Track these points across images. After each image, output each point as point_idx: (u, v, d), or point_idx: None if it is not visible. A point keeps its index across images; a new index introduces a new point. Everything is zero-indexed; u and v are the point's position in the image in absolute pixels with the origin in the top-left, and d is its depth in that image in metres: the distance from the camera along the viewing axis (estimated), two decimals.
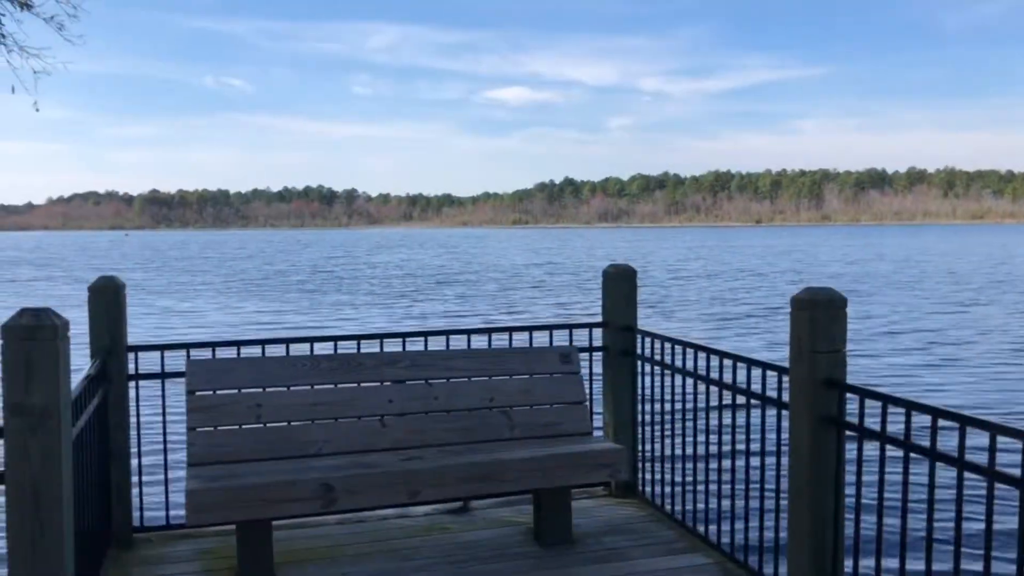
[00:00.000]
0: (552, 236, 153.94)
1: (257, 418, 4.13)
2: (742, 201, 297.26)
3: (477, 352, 4.60)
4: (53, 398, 2.55)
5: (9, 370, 2.51)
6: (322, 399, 4.25)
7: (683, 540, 4.31)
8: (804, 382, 3.27)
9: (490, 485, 4.00)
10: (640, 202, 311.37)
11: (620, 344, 4.93)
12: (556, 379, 4.62)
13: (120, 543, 4.24)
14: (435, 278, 42.22)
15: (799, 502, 3.32)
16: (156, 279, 43.15)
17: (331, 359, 4.35)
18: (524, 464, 4.02)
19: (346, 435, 4.20)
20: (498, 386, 4.51)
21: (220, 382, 4.14)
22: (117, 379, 4.22)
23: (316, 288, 36.15)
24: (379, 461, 3.99)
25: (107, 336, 4.18)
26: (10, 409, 2.52)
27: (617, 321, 4.95)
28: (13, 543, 2.56)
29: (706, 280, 39.33)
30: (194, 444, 3.99)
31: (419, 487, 3.87)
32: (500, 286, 36.61)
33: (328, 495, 3.74)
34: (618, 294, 4.95)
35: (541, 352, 4.66)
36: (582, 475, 4.15)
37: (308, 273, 47.35)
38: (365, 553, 4.14)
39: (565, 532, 4.26)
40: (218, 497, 3.60)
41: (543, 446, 4.25)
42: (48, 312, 2.58)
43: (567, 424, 4.53)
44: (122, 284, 4.28)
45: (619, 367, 4.95)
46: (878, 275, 41.23)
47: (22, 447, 2.53)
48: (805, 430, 3.27)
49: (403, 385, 4.38)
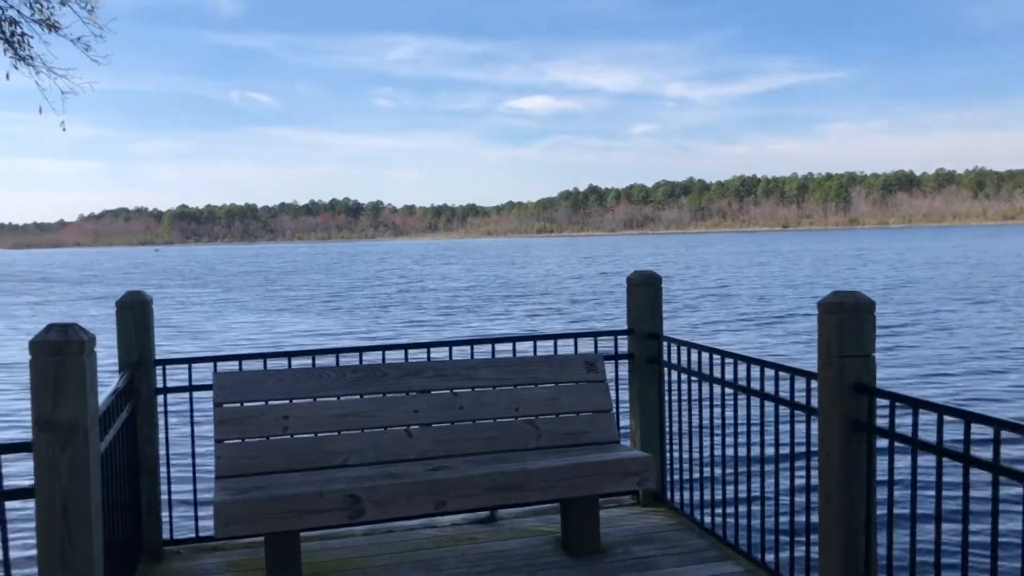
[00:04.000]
0: (586, 244, 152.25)
1: (284, 429, 4.15)
2: (768, 206, 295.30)
3: (502, 361, 4.59)
4: (81, 413, 2.57)
5: (37, 385, 2.54)
6: (348, 410, 4.26)
7: (713, 549, 4.27)
8: (833, 387, 3.22)
9: (517, 495, 3.98)
10: (665, 208, 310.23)
11: (646, 351, 4.90)
12: (582, 387, 4.59)
13: (150, 556, 4.26)
14: (504, 290, 41.03)
15: (830, 509, 3.27)
16: (238, 295, 42.31)
17: (356, 370, 4.36)
18: (551, 473, 4.00)
19: (372, 446, 4.20)
20: (524, 395, 4.50)
21: (247, 394, 4.17)
22: (145, 393, 4.26)
23: (390, 302, 35.06)
24: (405, 471, 3.99)
25: (135, 350, 4.22)
26: (39, 424, 2.54)
27: (643, 328, 4.92)
28: (44, 558, 2.58)
29: (789, 289, 36.62)
30: (222, 456, 4.01)
31: (446, 497, 3.87)
32: (567, 297, 35.29)
33: (355, 506, 3.75)
34: (643, 301, 4.92)
35: (566, 360, 4.64)
36: (610, 484, 4.12)
37: (373, 288, 45.92)
38: (393, 564, 4.14)
39: (593, 541, 4.23)
40: (246, 509, 3.62)
41: (570, 455, 4.23)
42: (75, 327, 2.61)
43: (593, 433, 4.50)
44: (149, 299, 4.31)
45: (645, 374, 4.92)
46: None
47: (51, 462, 2.55)
48: (835, 436, 3.23)
49: (428, 395, 4.38)
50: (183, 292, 45.35)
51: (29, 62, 7.52)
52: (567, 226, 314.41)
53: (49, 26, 7.47)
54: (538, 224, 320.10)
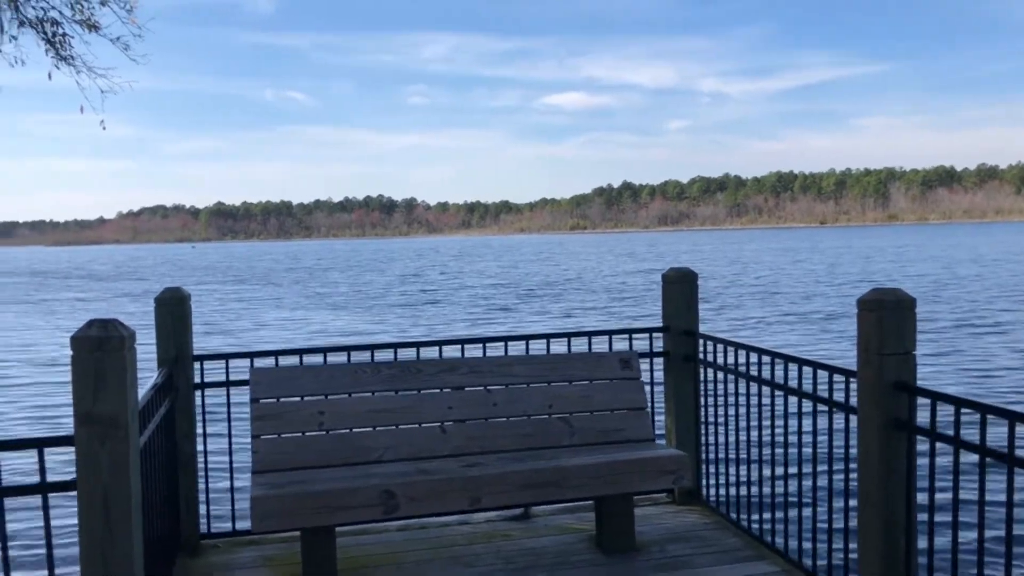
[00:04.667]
0: (622, 241, 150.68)
1: (320, 425, 4.17)
2: (805, 202, 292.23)
3: (536, 358, 4.58)
4: (121, 408, 2.60)
5: (78, 380, 2.57)
6: (383, 406, 4.27)
7: (749, 548, 4.23)
8: (872, 385, 3.18)
9: (551, 492, 3.98)
10: (701, 205, 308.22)
11: (682, 349, 4.87)
12: (616, 385, 4.57)
13: (188, 550, 4.31)
14: (543, 287, 40.33)
15: (869, 510, 3.23)
16: (277, 292, 42.03)
17: (391, 366, 4.38)
18: (585, 471, 3.99)
19: (407, 442, 4.21)
20: (558, 392, 4.49)
21: (283, 390, 4.20)
22: (184, 388, 4.31)
23: (429, 300, 34.63)
24: (440, 468, 4.00)
25: (173, 346, 4.27)
26: (80, 418, 2.58)
27: (678, 325, 4.88)
28: (85, 550, 2.62)
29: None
30: (258, 452, 4.05)
31: (480, 494, 3.87)
32: (607, 295, 34.63)
33: (390, 502, 3.76)
34: (679, 298, 4.88)
35: (601, 357, 4.62)
36: (644, 482, 4.10)
37: (412, 285, 45.25)
38: (427, 560, 4.15)
39: (628, 539, 4.21)
40: (282, 504, 3.65)
41: (604, 453, 4.21)
42: (116, 323, 2.64)
43: (628, 430, 4.48)
44: (187, 295, 4.36)
45: (681, 372, 4.88)
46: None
47: (92, 456, 2.59)
48: (874, 435, 3.18)
49: (463, 392, 4.39)
50: (222, 289, 45.66)
51: (70, 62, 7.65)
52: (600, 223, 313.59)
53: (89, 26, 7.58)
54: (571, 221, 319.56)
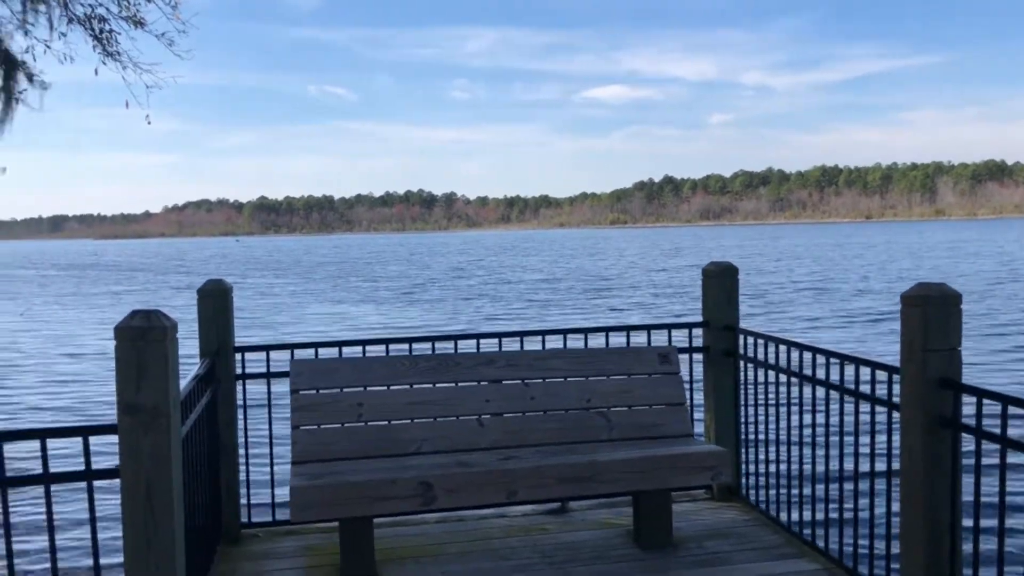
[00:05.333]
0: (665, 235, 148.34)
1: (359, 417, 4.21)
2: (850, 196, 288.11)
3: (573, 352, 4.57)
4: (163, 398, 2.64)
5: (122, 370, 2.62)
6: (421, 398, 4.29)
7: (788, 545, 4.18)
8: (916, 382, 3.12)
9: (588, 486, 3.96)
10: (743, 199, 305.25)
11: (722, 344, 4.82)
12: (655, 380, 4.55)
13: (229, 538, 4.37)
14: (587, 282, 39.80)
15: (912, 508, 3.17)
16: (323, 286, 41.81)
17: (429, 359, 4.39)
18: (623, 465, 3.97)
19: (445, 434, 4.23)
20: (595, 387, 4.47)
21: (323, 381, 4.23)
22: (225, 379, 4.36)
23: (473, 294, 34.36)
24: (477, 460, 4.00)
25: (215, 338, 4.32)
26: (123, 408, 2.62)
27: (718, 320, 4.84)
28: (129, 537, 2.66)
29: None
30: (298, 442, 4.09)
31: (516, 487, 3.87)
32: (652, 290, 34.11)
33: (427, 493, 3.78)
34: (719, 292, 4.84)
35: (639, 352, 4.60)
36: (683, 477, 4.07)
37: (455, 279, 44.78)
38: (464, 552, 4.17)
39: (665, 535, 4.19)
40: (321, 495, 3.68)
41: (642, 447, 4.19)
42: (158, 314, 2.68)
43: (667, 426, 4.45)
44: (229, 287, 4.41)
45: (720, 367, 4.84)
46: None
47: (135, 445, 2.63)
48: (917, 433, 3.13)
49: (500, 385, 4.39)
50: (269, 282, 45.96)
51: (116, 58, 7.77)
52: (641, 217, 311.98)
53: (135, 22, 7.70)
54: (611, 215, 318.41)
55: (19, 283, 50.61)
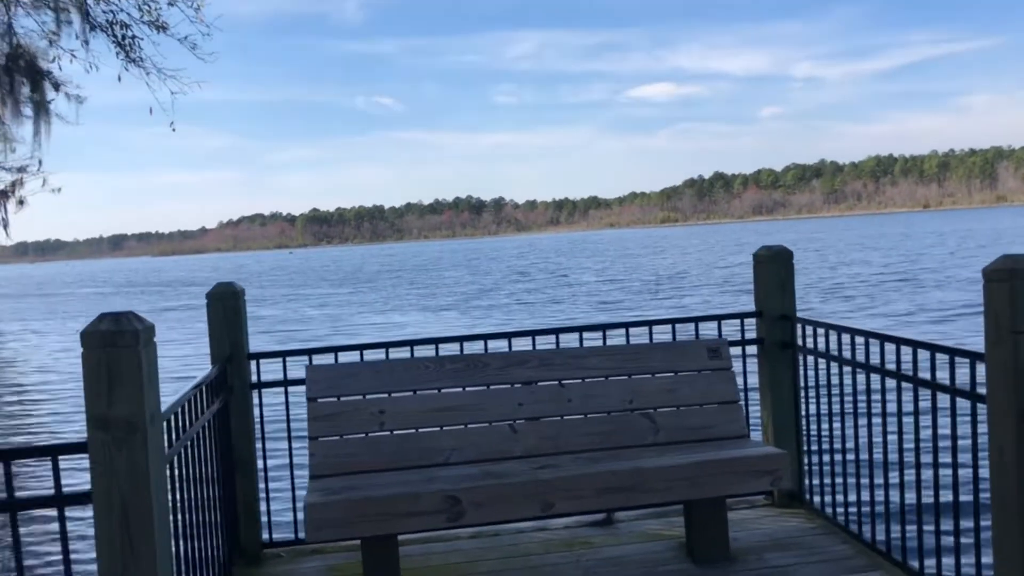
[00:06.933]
0: (721, 232, 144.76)
1: (381, 425, 3.88)
2: (907, 185, 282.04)
3: (614, 349, 4.18)
4: (138, 409, 2.33)
5: (90, 380, 2.32)
6: (448, 403, 3.95)
7: (860, 556, 3.75)
8: (1004, 368, 2.69)
9: (633, 496, 3.58)
10: (796, 192, 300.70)
11: (777, 334, 4.40)
12: (705, 376, 4.14)
13: (248, 559, 4.08)
14: (656, 282, 37.70)
15: (1005, 515, 2.74)
16: (387, 294, 40.65)
17: (456, 360, 4.05)
18: (671, 472, 3.58)
19: (475, 442, 3.88)
20: (639, 386, 4.09)
21: (341, 388, 3.92)
22: (239, 388, 4.08)
23: (539, 299, 32.63)
24: (510, 470, 3.65)
25: (227, 344, 4.04)
26: (93, 423, 2.32)
27: (773, 309, 4.42)
28: (105, 567, 2.36)
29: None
30: (315, 455, 3.78)
31: (553, 499, 3.50)
32: (727, 286, 32.37)
33: (454, 508, 3.43)
34: (772, 279, 4.41)
35: (686, 346, 4.20)
36: (739, 484, 3.66)
37: (519, 283, 43.12)
38: (499, 570, 3.81)
39: (721, 547, 3.78)
40: (338, 512, 3.36)
41: (692, 452, 3.79)
42: (129, 316, 2.38)
43: (719, 426, 4.05)
44: (241, 290, 4.13)
45: (777, 360, 4.41)
46: None
47: (107, 464, 2.33)
48: (1008, 427, 2.70)
49: (534, 387, 4.03)
50: (340, 292, 44.96)
51: (139, 64, 7.62)
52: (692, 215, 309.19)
53: (157, 26, 7.53)
54: (662, 214, 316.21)
55: (99, 301, 50.27)
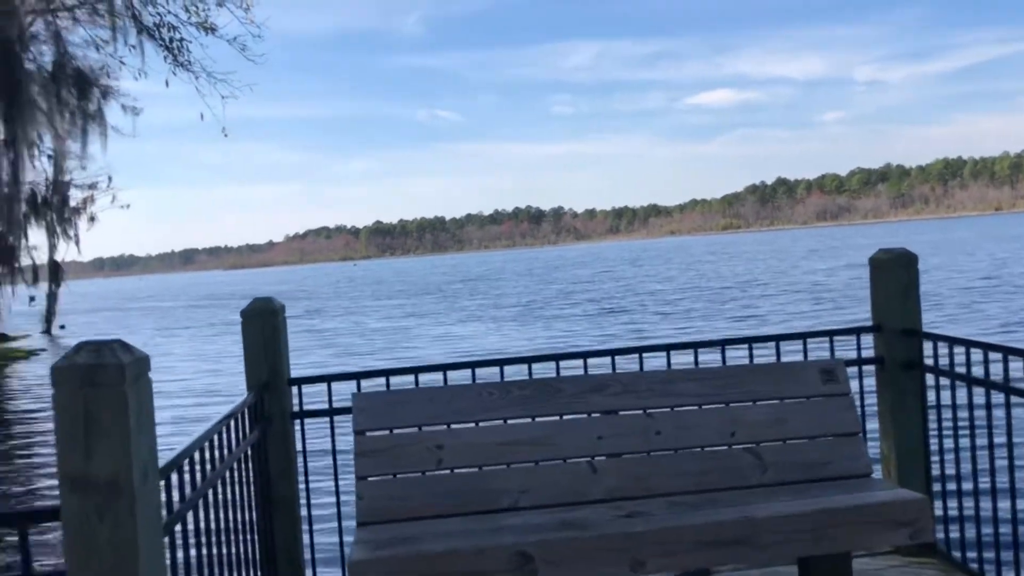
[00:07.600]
0: (791, 238, 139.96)
1: (438, 463, 3.32)
2: (977, 188, 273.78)
3: (709, 371, 3.56)
4: (123, 465, 1.82)
5: (63, 428, 1.81)
6: (515, 437, 3.38)
7: None
8: None
9: (740, 552, 2.96)
10: (861, 197, 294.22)
11: (901, 353, 3.73)
12: (818, 403, 3.50)
13: None
14: (738, 290, 35.57)
15: None
16: (459, 305, 39.57)
17: (524, 385, 3.48)
18: (789, 523, 2.94)
19: (547, 483, 3.30)
20: (739, 415, 3.46)
21: (393, 419, 3.37)
22: (278, 419, 3.57)
23: (611, 309, 30.92)
24: (590, 519, 3.06)
25: (265, 368, 3.54)
26: (67, 484, 1.81)
27: (894, 323, 3.76)
28: None
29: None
30: (363, 498, 3.24)
31: (643, 556, 2.90)
32: (814, 296, 29.91)
33: (525, 567, 2.85)
34: (893, 288, 3.76)
35: (795, 368, 3.56)
36: (869, 536, 3.01)
37: (591, 292, 41.37)
38: None
39: None
40: (386, 570, 2.81)
41: (808, 495, 3.16)
42: (113, 345, 1.86)
43: (836, 463, 3.40)
44: (280, 307, 3.63)
45: (901, 383, 3.75)
46: None
47: (85, 534, 1.81)
48: None
49: (615, 416, 3.44)
50: (429, 304, 42.83)
51: (187, 67, 7.26)
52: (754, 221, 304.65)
53: (206, 28, 7.18)
54: (723, 221, 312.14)
55: (178, 316, 49.95)
